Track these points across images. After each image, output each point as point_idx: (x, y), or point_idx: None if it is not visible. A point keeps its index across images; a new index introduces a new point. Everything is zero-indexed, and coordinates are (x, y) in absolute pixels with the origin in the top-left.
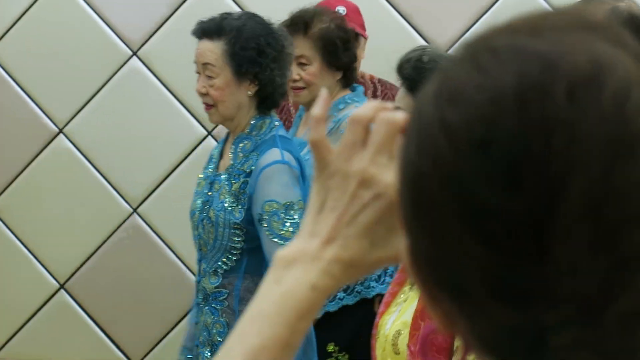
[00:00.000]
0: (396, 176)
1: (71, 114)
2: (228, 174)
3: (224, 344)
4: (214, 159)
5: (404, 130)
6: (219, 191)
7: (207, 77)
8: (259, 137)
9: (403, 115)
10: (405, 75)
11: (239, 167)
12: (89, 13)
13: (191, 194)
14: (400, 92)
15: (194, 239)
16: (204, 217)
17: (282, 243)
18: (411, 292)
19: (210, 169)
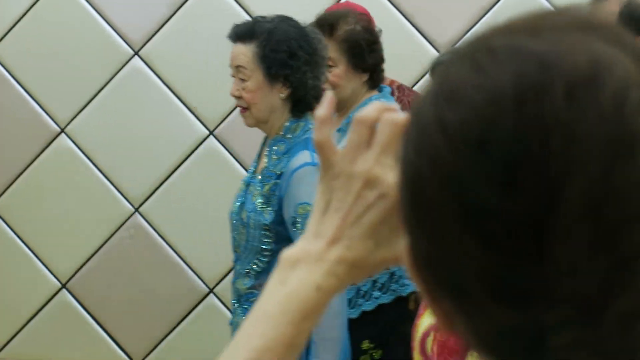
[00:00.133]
0: (396, 176)
1: (73, 114)
2: (262, 175)
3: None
4: (255, 162)
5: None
6: (252, 193)
7: (240, 80)
8: (292, 139)
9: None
10: None
11: (271, 169)
12: (91, 13)
13: (193, 193)
14: None
15: (231, 241)
16: (238, 219)
17: None
18: None
19: (250, 172)
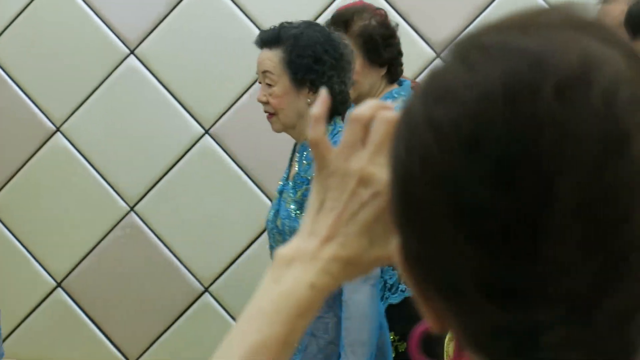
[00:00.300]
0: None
1: (68, 113)
2: (294, 182)
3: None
4: (287, 169)
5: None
6: (286, 200)
7: (267, 85)
8: None
9: None
10: None
11: (302, 175)
12: (86, 12)
13: (188, 192)
14: None
15: (269, 248)
16: (274, 227)
17: None
18: None
19: (283, 179)
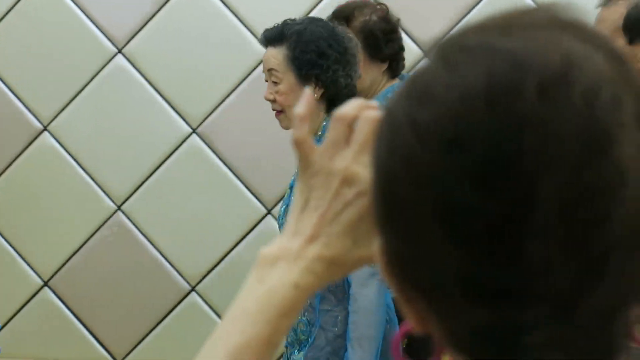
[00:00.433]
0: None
1: (55, 112)
2: None
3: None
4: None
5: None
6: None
7: (273, 83)
8: None
9: None
10: None
11: None
12: (74, 10)
13: (176, 191)
14: None
15: None
16: (283, 222)
17: None
18: None
19: (295, 174)
